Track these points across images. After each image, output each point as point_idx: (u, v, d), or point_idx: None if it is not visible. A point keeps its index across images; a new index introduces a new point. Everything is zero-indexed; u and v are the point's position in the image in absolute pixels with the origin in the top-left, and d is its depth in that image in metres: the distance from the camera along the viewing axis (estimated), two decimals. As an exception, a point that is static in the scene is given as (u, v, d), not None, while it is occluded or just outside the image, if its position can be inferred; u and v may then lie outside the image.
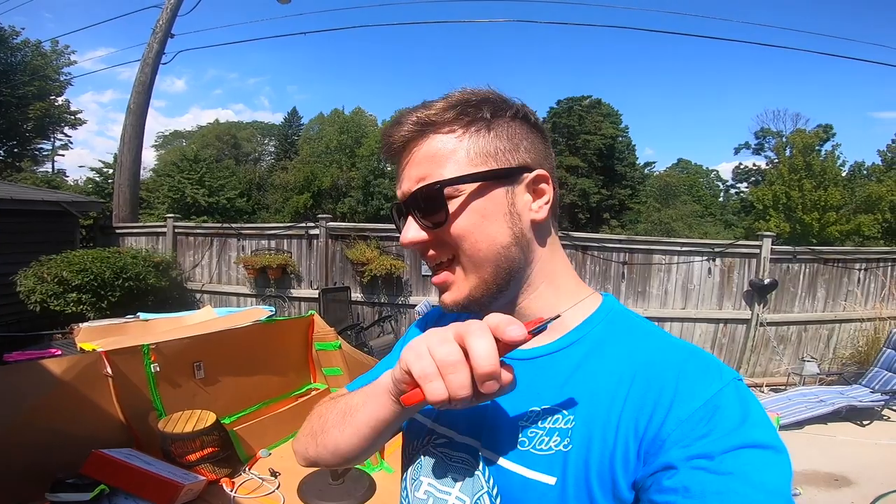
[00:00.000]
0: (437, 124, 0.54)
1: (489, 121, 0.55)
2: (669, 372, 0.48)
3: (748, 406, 0.45)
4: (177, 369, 2.81)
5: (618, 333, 0.55)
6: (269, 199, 28.76)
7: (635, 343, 0.53)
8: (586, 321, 0.57)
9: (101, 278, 5.15)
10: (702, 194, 34.81)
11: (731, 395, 0.45)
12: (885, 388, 4.50)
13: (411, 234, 0.57)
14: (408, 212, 0.57)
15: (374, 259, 5.56)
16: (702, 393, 0.45)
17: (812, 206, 19.18)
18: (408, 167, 0.56)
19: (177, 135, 38.45)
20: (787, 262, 5.69)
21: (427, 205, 0.54)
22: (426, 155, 0.55)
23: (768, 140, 29.36)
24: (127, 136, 7.96)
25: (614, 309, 0.59)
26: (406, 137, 0.56)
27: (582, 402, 0.50)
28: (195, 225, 7.07)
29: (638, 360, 0.50)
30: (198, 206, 17.95)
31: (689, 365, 0.48)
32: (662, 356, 0.50)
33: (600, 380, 0.51)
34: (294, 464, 2.88)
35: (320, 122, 34.08)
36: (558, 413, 0.51)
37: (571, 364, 0.54)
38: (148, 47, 8.17)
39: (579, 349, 0.55)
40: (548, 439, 0.50)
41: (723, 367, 0.49)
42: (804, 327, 5.81)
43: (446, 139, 0.54)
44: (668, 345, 0.52)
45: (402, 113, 0.57)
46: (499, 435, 0.54)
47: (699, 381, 0.46)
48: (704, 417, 0.43)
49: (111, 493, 2.05)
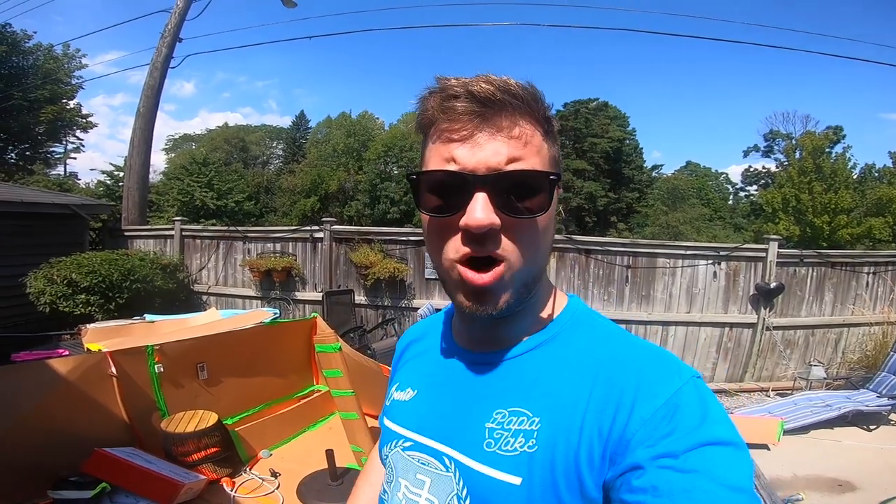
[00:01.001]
0: (532, 108, 0.51)
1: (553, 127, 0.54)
2: (630, 372, 0.48)
3: (707, 403, 0.46)
4: (180, 370, 2.85)
5: (581, 334, 0.56)
6: (277, 202, 28.96)
7: (597, 344, 0.54)
8: (553, 323, 0.58)
9: (110, 280, 5.23)
10: (711, 197, 34.55)
11: (690, 393, 0.46)
12: (893, 392, 4.44)
13: (488, 215, 0.48)
14: (482, 188, 0.49)
15: (377, 262, 5.58)
16: (662, 392, 0.46)
17: (822, 209, 18.94)
18: (493, 138, 0.49)
19: (186, 138, 38.86)
20: (794, 265, 5.64)
21: (526, 191, 0.50)
22: (525, 137, 0.50)
23: (778, 142, 29.07)
24: (136, 139, 8.07)
25: (578, 310, 0.60)
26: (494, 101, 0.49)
27: (547, 404, 0.51)
28: (202, 228, 7.15)
29: (600, 361, 0.51)
30: (206, 209, 18.11)
31: (648, 364, 0.49)
32: (622, 356, 0.51)
33: (564, 381, 0.51)
34: (294, 464, 2.90)
35: (328, 125, 34.27)
36: (523, 415, 0.51)
37: (537, 365, 0.54)
38: (157, 51, 8.28)
39: (545, 350, 0.56)
40: (513, 440, 0.50)
41: (681, 366, 0.50)
42: (811, 331, 5.75)
43: (534, 130, 0.51)
44: (627, 345, 0.53)
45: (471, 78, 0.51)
46: (466, 436, 0.55)
47: (659, 381, 0.47)
48: (666, 416, 0.44)
49: (112, 492, 2.08)
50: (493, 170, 0.49)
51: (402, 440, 0.63)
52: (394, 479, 0.63)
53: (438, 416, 0.60)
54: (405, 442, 0.62)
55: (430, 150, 0.53)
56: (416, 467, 0.59)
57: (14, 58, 17.68)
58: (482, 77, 0.50)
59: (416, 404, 0.64)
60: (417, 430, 0.61)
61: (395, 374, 0.75)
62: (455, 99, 0.49)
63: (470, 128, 0.49)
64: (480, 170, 0.49)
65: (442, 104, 0.50)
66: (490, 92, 0.48)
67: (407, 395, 0.66)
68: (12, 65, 17.71)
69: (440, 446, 0.57)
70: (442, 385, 0.62)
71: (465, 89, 0.49)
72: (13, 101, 16.69)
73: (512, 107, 0.49)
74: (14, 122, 17.84)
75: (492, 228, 0.49)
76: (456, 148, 0.50)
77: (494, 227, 0.49)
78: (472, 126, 0.49)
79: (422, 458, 0.59)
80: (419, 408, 0.63)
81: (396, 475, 0.62)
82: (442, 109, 0.50)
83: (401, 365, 0.75)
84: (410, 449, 0.61)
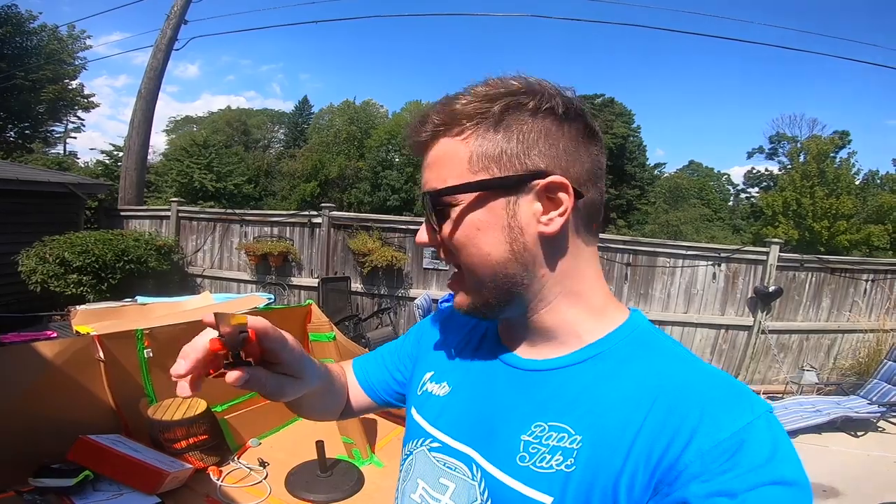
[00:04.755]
0: (447, 125, 0.52)
1: (498, 118, 0.50)
2: (694, 399, 0.44)
3: (778, 441, 0.42)
4: (170, 355, 2.78)
5: (640, 352, 0.51)
6: (277, 186, 28.81)
7: (659, 364, 0.49)
8: (607, 336, 0.53)
9: (103, 260, 5.17)
10: (711, 198, 34.46)
11: (761, 428, 0.42)
12: (883, 399, 4.45)
13: (420, 234, 0.57)
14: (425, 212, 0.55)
15: (375, 250, 5.54)
16: (729, 424, 0.42)
17: (823, 214, 18.98)
18: (424, 169, 0.55)
19: (188, 120, 38.57)
20: (793, 269, 5.63)
21: (434, 210, 0.52)
22: (434, 158, 0.53)
23: (783, 145, 28.97)
24: (136, 120, 8.02)
25: (640, 326, 0.55)
26: (422, 140, 0.54)
27: (592, 423, 0.47)
28: (199, 210, 7.09)
29: (660, 384, 0.47)
30: (205, 191, 17.98)
31: (717, 393, 0.45)
32: (688, 381, 0.47)
33: (616, 400, 0.48)
34: (283, 454, 2.88)
35: (330, 111, 34.04)
36: (564, 431, 0.48)
37: (585, 380, 0.51)
38: (161, 33, 8.20)
39: (596, 365, 0.52)
40: (549, 457, 0.48)
41: (753, 398, 0.45)
42: (806, 336, 5.77)
43: (453, 142, 0.51)
44: (695, 369, 0.48)
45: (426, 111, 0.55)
46: (498, 446, 0.52)
47: (727, 412, 0.43)
48: (728, 451, 0.40)
49: (95, 479, 2.05)
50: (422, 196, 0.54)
51: (429, 439, 0.60)
52: (410, 477, 0.61)
53: (472, 419, 0.57)
54: (433, 442, 0.60)
55: None
56: (440, 471, 0.57)
57: (18, 38, 17.46)
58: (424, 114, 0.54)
59: (451, 402, 0.61)
60: (448, 432, 0.59)
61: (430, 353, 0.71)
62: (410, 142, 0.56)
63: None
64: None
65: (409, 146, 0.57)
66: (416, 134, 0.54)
67: (442, 390, 0.64)
68: (15, 45, 17.48)
69: (470, 452, 0.55)
70: (480, 385, 0.59)
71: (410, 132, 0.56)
72: (14, 81, 16.53)
73: (430, 136, 0.53)
74: (14, 100, 17.67)
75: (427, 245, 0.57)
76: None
77: (428, 244, 0.56)
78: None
79: (449, 461, 0.57)
80: (453, 407, 0.61)
81: (414, 474, 0.60)
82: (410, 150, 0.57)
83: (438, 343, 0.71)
84: (438, 451, 0.59)
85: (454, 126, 0.51)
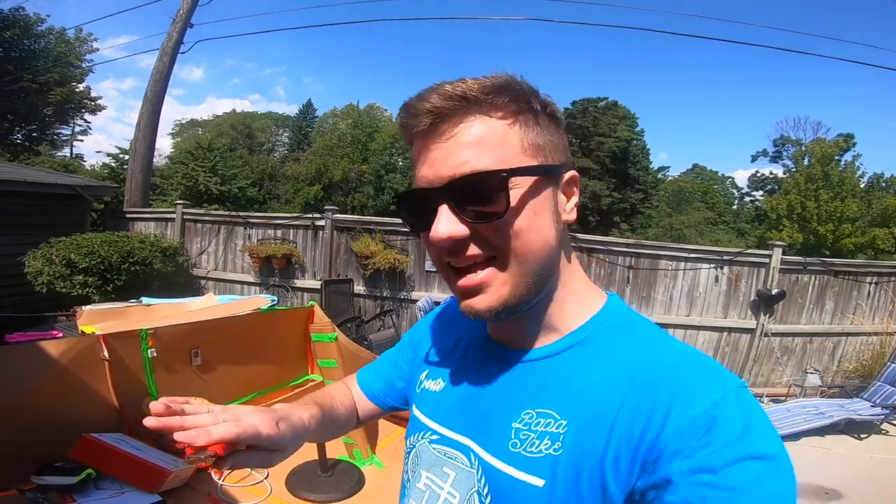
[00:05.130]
0: (484, 104, 0.49)
1: (537, 112, 0.52)
2: (667, 378, 0.46)
3: (750, 415, 0.43)
4: (174, 355, 2.83)
5: (619, 336, 0.54)
6: (281, 189, 28.92)
7: (635, 346, 0.52)
8: (588, 323, 0.56)
9: (108, 262, 5.22)
10: (716, 201, 34.31)
11: (732, 403, 0.43)
12: (887, 402, 4.45)
13: (450, 227, 0.49)
14: (442, 200, 0.49)
15: (378, 252, 5.57)
16: (701, 401, 0.43)
17: (827, 217, 18.89)
18: (443, 148, 0.49)
19: (193, 123, 38.78)
20: (796, 272, 5.62)
21: (479, 194, 0.48)
22: (474, 138, 0.49)
23: (787, 148, 28.86)
24: (142, 123, 8.11)
25: (617, 310, 0.57)
26: (442, 112, 0.49)
27: (576, 407, 0.49)
28: (204, 212, 7.14)
29: (636, 365, 0.49)
30: (210, 194, 18.11)
31: (689, 370, 0.47)
32: (661, 361, 0.49)
33: (596, 384, 0.50)
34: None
35: (334, 115, 34.17)
36: (550, 417, 0.51)
37: (569, 368, 0.53)
38: (167, 37, 8.30)
39: (578, 352, 0.54)
40: (538, 442, 0.50)
41: (725, 374, 0.47)
42: (809, 339, 5.75)
43: (496, 124, 0.49)
44: (668, 349, 0.51)
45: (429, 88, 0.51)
46: (492, 434, 0.54)
47: (698, 388, 0.44)
48: (703, 427, 0.42)
49: (98, 478, 2.07)
50: (446, 179, 0.48)
51: (429, 432, 0.63)
52: (416, 469, 0.63)
53: (466, 410, 0.60)
54: (432, 434, 0.62)
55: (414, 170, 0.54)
56: (442, 461, 0.60)
57: (25, 41, 17.59)
58: (433, 87, 0.50)
59: (446, 396, 0.64)
60: (445, 424, 0.62)
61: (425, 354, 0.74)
62: (410, 118, 0.51)
63: (425, 144, 0.51)
64: (437, 182, 0.49)
65: (401, 125, 0.52)
66: (433, 104, 0.49)
67: (437, 386, 0.66)
68: (23, 48, 17.61)
69: (467, 441, 0.58)
70: (472, 378, 0.61)
71: (414, 107, 0.50)
72: (21, 83, 16.67)
73: (459, 110, 0.49)
74: (22, 103, 17.79)
75: (455, 240, 0.49)
76: (418, 166, 0.52)
77: (457, 239, 0.49)
78: (425, 142, 0.51)
79: (448, 451, 0.59)
80: (448, 400, 0.63)
81: (420, 466, 0.63)
82: (401, 130, 0.53)
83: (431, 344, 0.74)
84: (437, 442, 0.61)
85: (493, 108, 0.49)
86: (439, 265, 0.55)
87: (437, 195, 0.49)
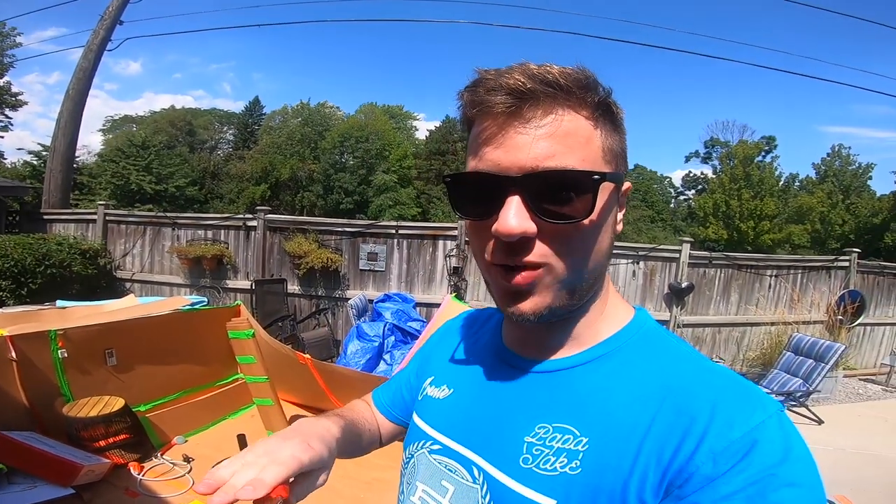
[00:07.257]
0: (573, 98, 0.45)
1: (615, 117, 0.49)
2: (704, 399, 0.43)
3: (790, 441, 0.41)
4: (86, 356, 2.82)
5: (648, 352, 0.50)
6: (224, 188, 27.94)
7: (667, 364, 0.48)
8: (614, 336, 0.52)
9: (23, 265, 5.01)
10: (654, 200, 36.24)
11: (773, 427, 0.41)
12: (783, 389, 4.67)
13: (523, 222, 0.44)
14: (515, 191, 0.44)
15: (311, 252, 5.61)
16: (741, 424, 0.41)
17: (749, 214, 20.32)
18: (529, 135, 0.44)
19: (127, 119, 36.57)
20: (703, 266, 6.09)
21: (561, 193, 0.44)
22: (563, 132, 0.44)
23: (716, 149, 30.60)
24: (63, 121, 7.75)
25: (646, 325, 0.54)
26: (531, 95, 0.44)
27: (599, 424, 0.46)
28: (127, 213, 6.93)
29: (668, 382, 0.46)
30: (143, 194, 17.29)
31: (727, 392, 0.44)
32: (696, 381, 0.45)
33: (623, 401, 0.46)
34: (209, 450, 2.96)
35: (283, 113, 33.32)
36: (569, 433, 0.47)
37: (592, 381, 0.50)
38: (94, 34, 7.97)
39: (603, 366, 0.51)
40: (553, 459, 0.46)
41: (765, 397, 0.44)
42: (718, 329, 6.23)
43: (584, 123, 0.45)
44: (703, 369, 0.47)
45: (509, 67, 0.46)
46: (501, 448, 0.51)
47: (739, 411, 0.42)
48: (741, 451, 0.39)
49: (10, 473, 2.09)
50: (527, 170, 0.44)
51: (430, 441, 0.59)
52: (412, 481, 0.59)
53: (474, 421, 0.56)
54: (433, 444, 0.58)
55: (469, 150, 0.49)
56: (441, 473, 0.56)
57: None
58: (517, 66, 0.45)
59: (451, 404, 0.60)
60: (448, 434, 0.58)
61: (431, 362, 0.71)
62: (487, 93, 0.45)
63: (503, 125, 0.45)
64: (513, 171, 0.44)
65: (473, 100, 0.46)
66: (521, 83, 0.43)
67: (442, 393, 0.62)
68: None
69: (471, 454, 0.54)
70: (481, 387, 0.58)
71: (496, 82, 0.44)
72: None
73: (550, 98, 0.44)
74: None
75: (525, 236, 0.44)
76: (488, 148, 0.46)
77: (528, 235, 0.45)
78: (504, 123, 0.45)
79: (449, 463, 0.55)
80: (454, 409, 0.59)
81: (416, 478, 0.59)
82: (473, 105, 0.46)
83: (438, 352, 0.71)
84: (438, 453, 0.57)
85: (581, 105, 0.46)
86: (483, 260, 0.50)
87: (510, 184, 0.44)
